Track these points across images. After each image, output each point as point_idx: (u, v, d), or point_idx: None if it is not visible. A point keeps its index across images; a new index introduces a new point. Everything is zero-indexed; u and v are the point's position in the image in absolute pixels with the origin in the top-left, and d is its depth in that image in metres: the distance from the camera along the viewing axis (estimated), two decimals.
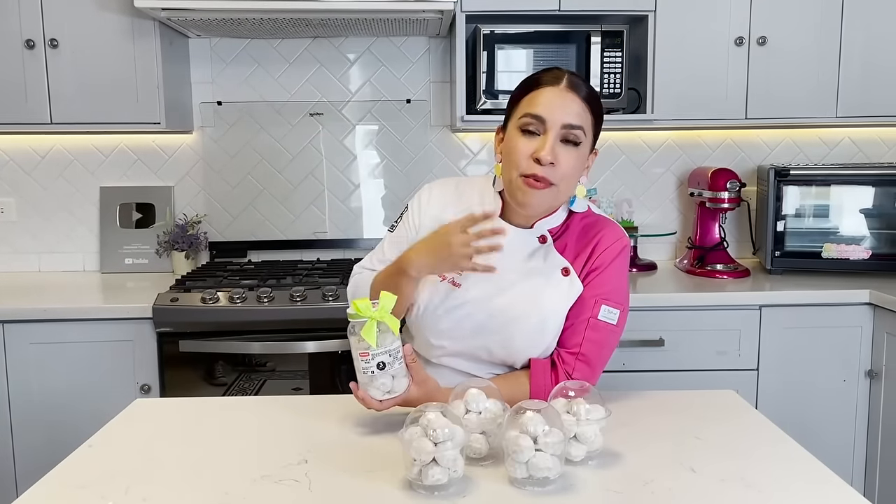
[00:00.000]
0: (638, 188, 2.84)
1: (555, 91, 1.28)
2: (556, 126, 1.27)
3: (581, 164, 1.31)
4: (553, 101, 1.27)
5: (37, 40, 2.34)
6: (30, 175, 2.75)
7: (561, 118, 1.26)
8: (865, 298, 2.25)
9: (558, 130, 1.27)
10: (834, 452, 2.28)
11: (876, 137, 2.83)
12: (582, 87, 1.29)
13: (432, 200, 1.45)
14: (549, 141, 1.26)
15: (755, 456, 1.14)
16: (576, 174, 1.31)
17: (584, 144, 1.29)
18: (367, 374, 1.17)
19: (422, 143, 2.79)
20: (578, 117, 1.28)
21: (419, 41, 2.76)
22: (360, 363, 1.17)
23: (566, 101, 1.27)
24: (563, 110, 1.27)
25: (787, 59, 2.45)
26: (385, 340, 1.15)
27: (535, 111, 1.27)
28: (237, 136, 2.76)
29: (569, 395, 1.15)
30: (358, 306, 1.13)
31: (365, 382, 1.18)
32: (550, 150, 1.26)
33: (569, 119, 1.27)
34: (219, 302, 2.19)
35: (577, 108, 1.28)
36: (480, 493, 1.02)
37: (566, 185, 1.30)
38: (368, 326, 1.13)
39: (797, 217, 2.54)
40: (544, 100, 1.28)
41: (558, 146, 1.27)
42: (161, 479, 1.08)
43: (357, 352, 1.17)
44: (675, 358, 2.25)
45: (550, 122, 1.27)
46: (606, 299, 1.33)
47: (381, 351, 1.15)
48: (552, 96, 1.28)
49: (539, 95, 1.29)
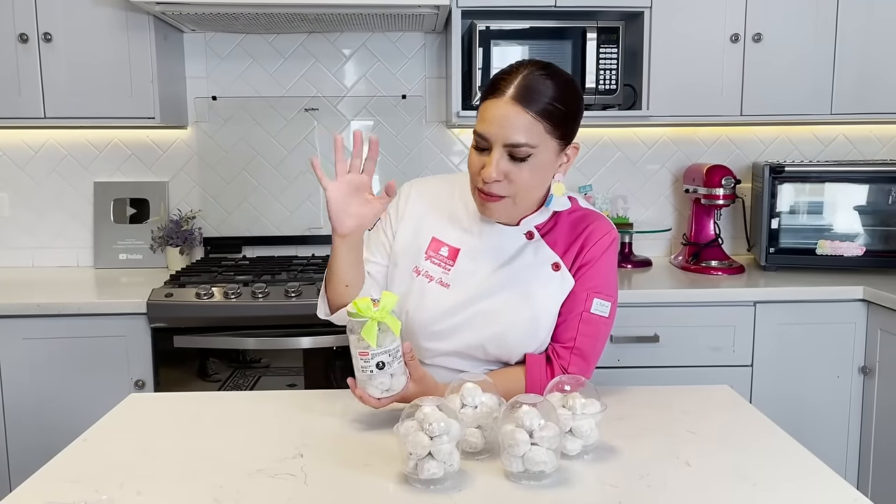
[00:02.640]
0: (633, 184, 2.85)
1: (499, 105, 1.21)
2: (498, 145, 1.22)
3: (542, 171, 1.26)
4: (495, 118, 1.21)
5: (30, 34, 2.33)
6: (23, 170, 2.74)
7: (503, 137, 1.21)
8: (859, 295, 2.25)
9: (501, 149, 1.22)
10: (828, 447, 2.29)
11: (870, 134, 2.84)
12: (533, 97, 1.20)
13: (412, 199, 1.43)
14: (494, 159, 1.22)
15: (749, 449, 1.15)
16: (534, 184, 1.26)
17: (538, 154, 1.22)
18: (366, 373, 1.16)
19: (417, 139, 2.79)
20: (524, 133, 1.20)
21: (415, 37, 2.76)
22: (359, 362, 1.16)
23: (509, 116, 1.20)
24: (505, 129, 1.21)
25: (783, 56, 2.46)
26: (385, 340, 1.14)
27: (479, 128, 1.24)
28: (232, 131, 2.75)
29: (564, 389, 1.16)
30: (358, 306, 1.12)
31: (363, 380, 1.18)
32: (495, 168, 1.22)
33: (511, 137, 1.20)
34: (213, 297, 2.18)
35: (523, 122, 1.20)
36: (476, 487, 1.02)
37: (524, 195, 1.27)
38: (369, 326, 1.12)
39: (792, 214, 2.54)
40: (489, 115, 1.23)
41: (506, 162, 1.22)
42: (155, 473, 1.07)
43: (356, 350, 1.16)
44: (669, 354, 2.25)
45: (493, 140, 1.22)
46: (598, 292, 1.33)
47: (380, 351, 1.14)
48: (495, 111, 1.22)
49: (485, 109, 1.24)
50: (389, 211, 1.44)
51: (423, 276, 1.36)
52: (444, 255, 1.36)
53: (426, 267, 1.36)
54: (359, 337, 1.14)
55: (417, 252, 1.37)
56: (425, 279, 1.35)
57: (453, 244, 1.37)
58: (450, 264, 1.35)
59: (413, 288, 1.36)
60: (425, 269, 1.36)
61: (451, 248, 1.36)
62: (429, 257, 1.37)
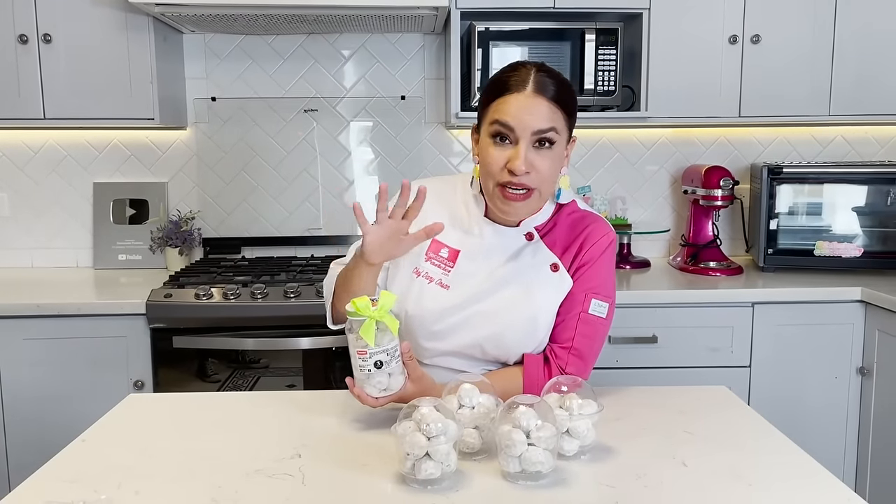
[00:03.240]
0: (632, 185, 2.85)
1: (521, 98, 1.25)
2: (526, 134, 1.25)
3: (559, 161, 1.30)
4: (521, 109, 1.25)
5: (30, 35, 2.33)
6: (23, 170, 2.74)
7: (531, 125, 1.24)
8: (857, 296, 2.26)
9: (529, 137, 1.25)
10: (826, 448, 2.30)
11: (868, 136, 2.85)
12: (548, 86, 1.26)
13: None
14: (522, 150, 1.24)
15: (745, 450, 1.15)
16: (555, 173, 1.30)
17: (559, 142, 1.28)
18: (364, 371, 1.17)
19: (416, 140, 2.80)
20: (548, 120, 1.25)
21: (414, 38, 2.76)
22: (358, 361, 1.17)
23: (534, 106, 1.24)
24: (532, 117, 1.24)
25: (781, 58, 2.46)
26: (383, 339, 1.15)
27: (504, 119, 1.25)
28: (231, 132, 2.76)
29: (561, 389, 1.16)
30: (357, 305, 1.13)
31: (361, 379, 1.18)
32: (524, 160, 1.24)
33: (538, 125, 1.24)
34: (212, 298, 2.18)
35: (546, 110, 1.25)
36: (473, 487, 1.03)
37: (546, 187, 1.30)
38: (367, 325, 1.13)
39: (790, 215, 2.55)
40: (512, 108, 1.25)
41: (532, 152, 1.25)
42: (154, 473, 1.08)
43: (354, 349, 1.16)
44: (668, 355, 2.26)
45: (520, 130, 1.24)
46: (596, 293, 1.34)
47: (378, 350, 1.15)
48: (519, 103, 1.25)
49: (506, 103, 1.26)
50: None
51: (423, 277, 1.36)
52: (444, 256, 1.37)
53: (426, 268, 1.37)
54: (357, 336, 1.14)
55: (417, 253, 1.37)
56: (425, 280, 1.36)
57: (453, 246, 1.37)
58: (450, 266, 1.36)
59: (412, 289, 1.36)
60: (425, 270, 1.36)
61: (451, 250, 1.37)
62: (429, 258, 1.37)
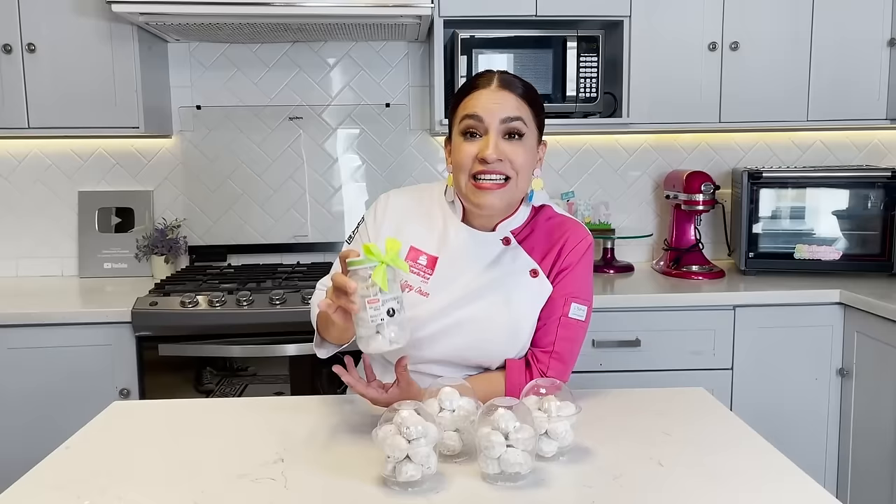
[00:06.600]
0: (615, 191, 2.88)
1: (488, 92, 1.31)
2: (495, 122, 1.29)
3: (531, 156, 1.33)
4: (488, 100, 1.30)
5: (14, 45, 2.33)
6: (7, 179, 2.74)
7: (498, 113, 1.29)
8: (836, 298, 2.29)
9: (498, 126, 1.29)
10: (807, 449, 2.33)
11: (847, 140, 2.89)
12: (515, 83, 1.32)
13: (389, 210, 1.43)
14: (492, 138, 1.29)
15: (722, 451, 1.17)
16: (528, 167, 1.33)
17: (528, 136, 1.32)
18: (376, 322, 1.09)
19: (401, 147, 2.81)
20: (515, 109, 1.30)
21: (398, 46, 2.78)
22: (369, 312, 1.09)
23: (501, 98, 1.30)
24: (499, 106, 1.29)
25: (759, 64, 2.50)
26: (394, 287, 1.11)
27: (472, 111, 1.30)
28: (217, 140, 2.77)
29: (540, 392, 1.18)
30: (370, 249, 1.09)
31: (368, 336, 1.11)
32: (494, 148, 1.28)
33: (506, 112, 1.29)
34: (198, 306, 2.19)
35: (513, 101, 1.30)
36: (453, 488, 1.04)
37: (521, 179, 1.32)
38: (379, 269, 1.07)
39: (770, 219, 2.58)
40: (480, 101, 1.31)
41: (502, 142, 1.29)
42: (138, 480, 1.09)
43: (364, 300, 1.09)
44: (650, 358, 2.28)
45: (488, 119, 1.29)
46: (575, 297, 1.36)
47: (391, 297, 1.09)
48: (486, 96, 1.31)
49: (473, 98, 1.32)
50: (367, 221, 1.45)
51: (403, 285, 1.37)
52: (423, 263, 1.38)
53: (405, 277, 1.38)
54: (370, 283, 1.08)
55: None
56: (405, 289, 1.37)
57: (431, 252, 1.38)
58: (428, 273, 1.37)
59: None
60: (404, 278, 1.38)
61: (429, 257, 1.38)
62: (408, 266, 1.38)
